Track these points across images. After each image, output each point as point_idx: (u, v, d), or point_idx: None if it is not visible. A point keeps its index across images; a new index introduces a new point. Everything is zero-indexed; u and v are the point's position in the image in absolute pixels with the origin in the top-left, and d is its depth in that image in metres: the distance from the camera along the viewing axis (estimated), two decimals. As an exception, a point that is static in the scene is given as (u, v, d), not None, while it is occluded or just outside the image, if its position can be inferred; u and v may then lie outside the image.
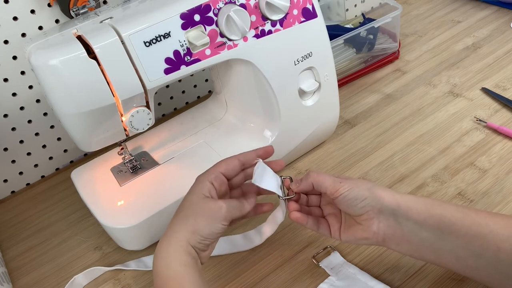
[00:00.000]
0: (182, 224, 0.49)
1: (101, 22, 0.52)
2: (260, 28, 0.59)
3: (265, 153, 0.56)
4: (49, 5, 0.67)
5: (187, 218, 0.50)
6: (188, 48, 0.54)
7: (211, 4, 0.55)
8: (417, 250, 0.49)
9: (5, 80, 0.69)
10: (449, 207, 0.47)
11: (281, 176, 0.55)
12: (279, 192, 0.54)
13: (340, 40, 0.83)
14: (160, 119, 0.87)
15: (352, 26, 0.94)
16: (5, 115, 0.71)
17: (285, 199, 0.54)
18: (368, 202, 0.49)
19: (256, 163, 0.54)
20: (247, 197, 0.54)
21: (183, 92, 0.88)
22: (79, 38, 0.50)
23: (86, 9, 0.58)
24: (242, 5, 0.56)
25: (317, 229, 0.54)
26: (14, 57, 0.68)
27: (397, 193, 0.49)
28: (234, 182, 0.55)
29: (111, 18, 0.53)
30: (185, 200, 0.52)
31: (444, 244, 0.47)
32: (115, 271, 0.61)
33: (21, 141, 0.74)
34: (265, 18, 0.59)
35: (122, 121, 0.56)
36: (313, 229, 0.55)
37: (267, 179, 0.53)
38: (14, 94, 0.70)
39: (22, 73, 0.70)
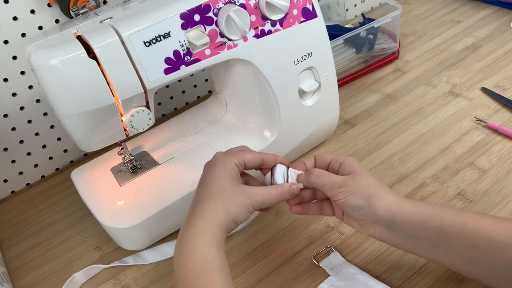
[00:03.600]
0: (221, 209, 0.48)
1: (101, 22, 0.52)
2: (260, 28, 0.59)
3: (282, 162, 0.56)
4: (49, 5, 0.67)
5: (226, 203, 0.49)
6: (188, 48, 0.54)
7: (211, 4, 0.55)
8: (413, 252, 0.50)
9: (5, 80, 0.69)
10: (448, 217, 0.46)
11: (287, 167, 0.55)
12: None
13: (340, 40, 0.83)
14: (160, 119, 0.87)
15: (352, 26, 0.94)
16: (5, 115, 0.71)
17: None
18: (363, 212, 0.49)
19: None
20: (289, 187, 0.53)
21: (183, 92, 0.88)
22: (79, 38, 0.50)
23: (86, 9, 0.58)
24: (242, 5, 0.56)
25: (320, 212, 0.55)
26: (14, 57, 0.68)
27: (395, 201, 0.48)
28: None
29: (111, 18, 0.53)
30: (214, 182, 0.51)
31: (439, 251, 0.47)
32: (115, 271, 0.61)
33: (21, 141, 0.74)
34: (265, 18, 0.59)
35: (122, 121, 0.56)
36: (316, 214, 0.55)
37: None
38: (14, 94, 0.70)
39: (22, 73, 0.70)
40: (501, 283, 0.45)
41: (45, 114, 0.75)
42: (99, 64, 0.50)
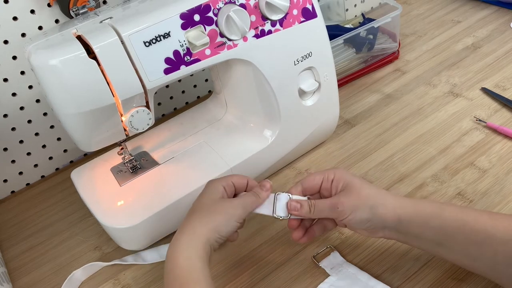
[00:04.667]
0: (200, 223, 0.50)
1: (101, 22, 0.52)
2: (260, 28, 0.59)
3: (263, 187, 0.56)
4: (49, 5, 0.67)
5: (205, 217, 0.50)
6: (188, 48, 0.54)
7: (211, 4, 0.55)
8: (419, 248, 0.51)
9: (5, 80, 0.69)
10: (448, 216, 0.47)
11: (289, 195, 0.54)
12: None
13: (340, 40, 0.83)
14: (160, 119, 0.87)
15: (352, 26, 0.94)
16: (5, 115, 0.71)
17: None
18: (372, 223, 0.50)
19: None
20: (260, 185, 0.54)
21: (183, 92, 0.88)
22: (79, 38, 0.50)
23: (86, 9, 0.58)
24: (242, 5, 0.56)
25: (324, 230, 0.56)
26: (14, 57, 0.68)
27: (398, 204, 0.49)
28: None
29: (111, 18, 0.53)
30: (198, 202, 0.53)
31: (443, 249, 0.48)
32: (115, 271, 0.61)
33: (21, 141, 0.74)
34: (265, 18, 0.59)
35: (122, 121, 0.56)
36: (322, 233, 0.56)
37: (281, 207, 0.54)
38: (14, 94, 0.70)
39: (22, 73, 0.70)
40: (503, 278, 0.46)
41: (45, 114, 0.75)
42: (99, 64, 0.50)
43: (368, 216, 0.49)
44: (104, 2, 0.72)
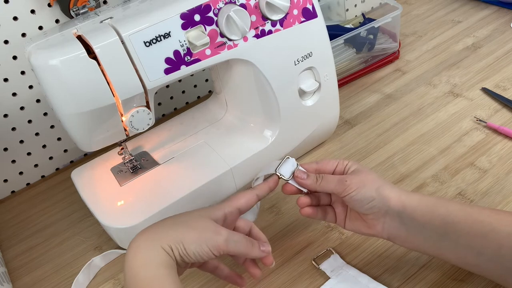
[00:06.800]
0: (173, 227, 0.46)
1: (101, 22, 0.52)
2: (260, 28, 0.59)
3: (274, 184, 0.55)
4: (49, 5, 0.67)
5: (179, 226, 0.46)
6: (188, 48, 0.54)
7: (211, 4, 0.55)
8: (420, 247, 0.50)
9: (5, 80, 0.69)
10: (453, 207, 0.48)
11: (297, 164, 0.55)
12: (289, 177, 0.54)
13: (340, 40, 0.83)
14: (160, 119, 0.87)
15: (352, 26, 0.94)
16: (5, 115, 0.71)
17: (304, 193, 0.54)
18: (375, 204, 0.49)
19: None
20: (260, 242, 0.50)
21: (183, 92, 0.88)
22: (79, 38, 0.50)
23: (86, 9, 0.58)
24: (242, 5, 0.56)
25: (324, 218, 0.55)
26: (14, 57, 0.68)
27: (404, 192, 0.50)
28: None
29: (111, 18, 0.53)
30: (188, 212, 0.50)
31: (446, 243, 0.48)
32: (115, 271, 0.61)
33: (21, 141, 0.74)
34: (265, 18, 0.59)
35: (122, 121, 0.56)
36: (321, 219, 0.56)
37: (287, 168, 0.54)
38: (14, 94, 0.70)
39: (22, 73, 0.70)
40: (506, 276, 0.46)
41: (45, 114, 0.75)
42: (99, 64, 0.50)
43: (373, 194, 0.49)
44: (105, 2, 0.72)
